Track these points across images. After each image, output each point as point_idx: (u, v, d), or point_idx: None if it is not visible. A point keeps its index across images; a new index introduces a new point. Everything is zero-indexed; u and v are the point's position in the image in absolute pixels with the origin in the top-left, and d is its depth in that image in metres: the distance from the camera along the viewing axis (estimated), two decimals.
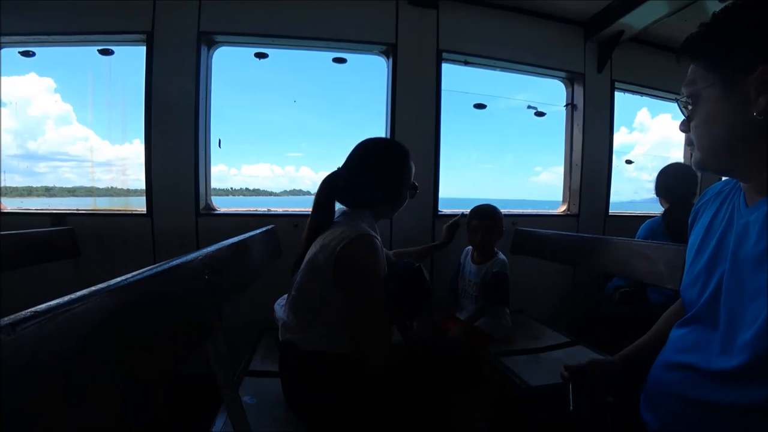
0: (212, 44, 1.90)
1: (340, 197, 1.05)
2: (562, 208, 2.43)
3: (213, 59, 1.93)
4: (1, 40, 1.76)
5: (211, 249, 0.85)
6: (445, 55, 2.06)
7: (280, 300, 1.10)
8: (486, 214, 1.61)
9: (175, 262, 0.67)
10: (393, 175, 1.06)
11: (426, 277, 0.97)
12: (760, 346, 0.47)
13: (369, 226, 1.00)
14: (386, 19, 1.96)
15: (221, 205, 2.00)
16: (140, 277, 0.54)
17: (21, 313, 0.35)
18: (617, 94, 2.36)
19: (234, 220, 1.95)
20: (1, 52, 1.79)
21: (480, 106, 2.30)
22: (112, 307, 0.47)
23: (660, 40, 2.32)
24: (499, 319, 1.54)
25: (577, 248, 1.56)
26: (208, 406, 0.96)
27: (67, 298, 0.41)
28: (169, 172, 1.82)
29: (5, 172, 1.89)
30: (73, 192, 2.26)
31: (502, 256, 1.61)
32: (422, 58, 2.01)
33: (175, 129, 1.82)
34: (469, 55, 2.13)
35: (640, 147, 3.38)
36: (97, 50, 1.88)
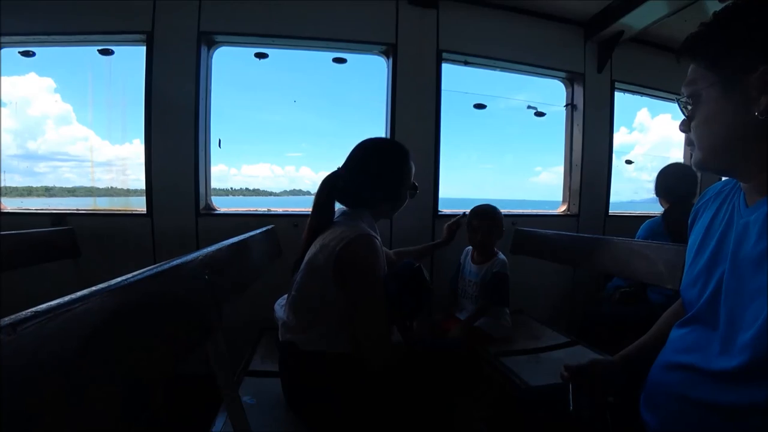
0: (212, 44, 1.91)
1: (340, 197, 1.05)
2: (562, 208, 2.43)
3: (213, 59, 1.93)
4: (1, 40, 1.76)
5: (211, 249, 0.85)
6: (445, 55, 2.06)
7: (280, 300, 1.10)
8: (486, 214, 1.61)
9: (175, 262, 0.67)
10: (393, 175, 1.06)
11: (426, 277, 0.97)
12: (761, 347, 0.47)
13: (369, 226, 1.00)
14: (386, 19, 1.96)
15: (221, 205, 2.00)
16: (140, 277, 0.54)
17: (21, 313, 0.35)
18: (617, 94, 2.36)
19: (234, 220, 1.95)
20: (1, 52, 1.80)
21: (480, 106, 2.30)
22: (112, 307, 0.47)
23: (660, 40, 2.32)
24: (499, 319, 1.54)
25: (577, 248, 1.56)
26: (208, 406, 0.96)
27: (68, 298, 0.41)
28: (169, 172, 1.82)
29: (5, 172, 1.89)
30: (73, 192, 2.26)
31: (502, 256, 1.61)
32: (422, 58, 2.01)
33: (175, 129, 1.82)
34: (469, 55, 2.13)
35: (640, 147, 3.39)
36: (97, 50, 1.88)
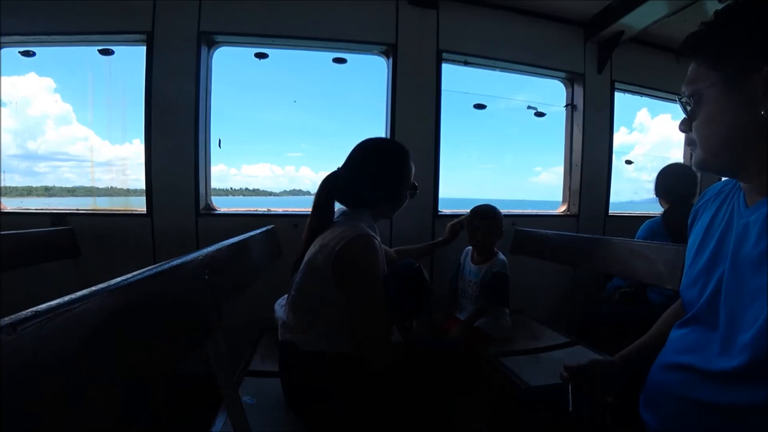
0: (212, 44, 1.90)
1: (339, 197, 1.05)
2: (562, 209, 2.43)
3: (213, 59, 1.93)
4: (1, 40, 1.76)
5: (211, 249, 0.85)
6: (445, 55, 2.06)
7: (281, 300, 1.10)
8: (486, 214, 1.61)
9: (175, 262, 0.67)
10: (393, 175, 1.06)
11: (426, 277, 0.97)
12: (760, 347, 0.47)
13: (368, 226, 1.00)
14: (386, 19, 1.96)
15: (221, 205, 2.00)
16: (140, 277, 0.54)
17: (22, 313, 0.35)
18: (617, 95, 2.36)
19: (234, 220, 1.95)
20: (1, 52, 1.79)
21: (480, 107, 2.30)
22: (112, 307, 0.47)
23: (660, 41, 2.32)
24: (499, 320, 1.54)
25: (577, 248, 1.56)
26: (208, 406, 0.96)
27: (68, 298, 0.41)
28: (169, 172, 1.82)
29: (5, 172, 1.89)
30: (73, 192, 2.26)
31: (502, 256, 1.61)
32: (422, 58, 2.01)
33: (175, 129, 1.82)
34: (469, 56, 2.13)
35: (640, 147, 3.39)
36: (97, 50, 1.88)
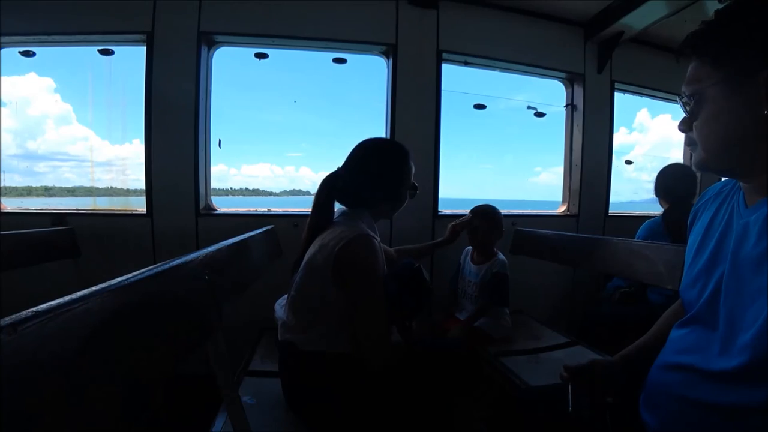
0: (212, 44, 1.90)
1: (339, 197, 1.05)
2: (561, 209, 2.43)
3: (213, 59, 1.93)
4: (1, 40, 1.76)
5: (211, 249, 0.85)
6: (445, 55, 2.06)
7: (281, 300, 1.10)
8: (486, 214, 1.61)
9: (175, 262, 0.67)
10: (393, 175, 1.06)
11: (426, 277, 0.97)
12: (760, 347, 0.47)
13: (368, 227, 1.00)
14: (386, 20, 1.96)
15: (221, 205, 2.00)
16: (140, 277, 0.54)
17: (22, 313, 0.35)
18: (617, 95, 2.36)
19: (234, 220, 1.95)
20: (1, 52, 1.79)
21: (480, 107, 2.30)
22: (112, 307, 0.47)
23: (660, 41, 2.32)
24: (499, 320, 1.54)
25: (577, 248, 1.56)
26: (208, 406, 0.96)
27: (68, 298, 0.41)
28: (169, 172, 1.82)
29: (5, 172, 1.89)
30: (73, 192, 2.26)
31: (502, 256, 1.61)
32: (422, 58, 2.01)
33: (175, 129, 1.82)
34: (469, 56, 2.13)
35: (640, 147, 3.39)
36: (97, 50, 1.88)
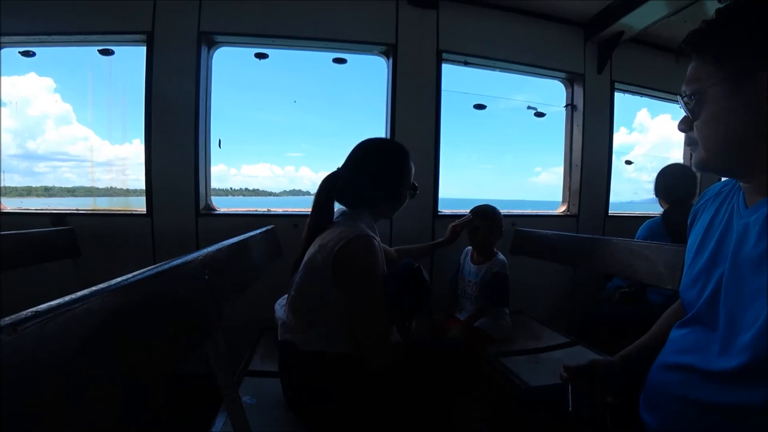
0: (212, 44, 1.90)
1: (339, 197, 1.05)
2: (561, 209, 2.43)
3: (213, 59, 1.93)
4: (1, 40, 1.76)
5: (211, 249, 0.85)
6: (445, 55, 2.06)
7: (281, 300, 1.10)
8: (485, 214, 1.61)
9: (175, 262, 0.67)
10: (393, 175, 1.06)
11: (425, 277, 0.97)
12: (760, 347, 0.47)
13: (368, 227, 1.00)
14: (386, 20, 1.96)
15: (221, 205, 2.00)
16: (140, 277, 0.54)
17: (22, 313, 0.35)
18: (617, 95, 2.36)
19: (234, 220, 1.95)
20: (1, 52, 1.79)
21: (480, 107, 2.30)
22: (112, 307, 0.47)
23: (660, 41, 2.32)
24: (498, 320, 1.54)
25: (577, 248, 1.56)
26: (208, 406, 0.96)
27: (68, 298, 0.41)
28: (169, 172, 1.82)
29: (5, 172, 1.89)
30: (73, 192, 2.26)
31: (502, 256, 1.61)
32: (422, 58, 2.01)
33: (175, 129, 1.82)
34: (469, 56, 2.13)
35: (640, 147, 3.38)
36: (97, 50, 1.88)
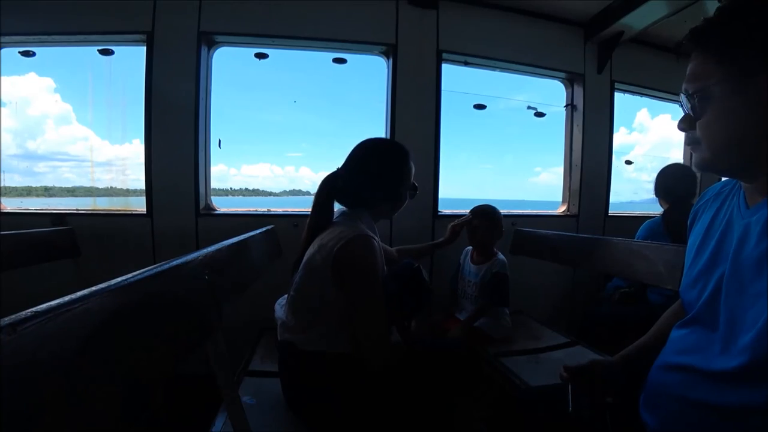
0: (212, 44, 1.90)
1: (339, 197, 1.05)
2: (561, 209, 2.43)
3: (213, 59, 1.92)
4: (1, 40, 1.75)
5: (211, 249, 0.85)
6: (445, 55, 2.06)
7: (281, 300, 1.10)
8: (485, 214, 1.61)
9: (175, 262, 0.67)
10: (393, 175, 1.06)
11: (425, 277, 0.97)
12: (761, 348, 0.47)
13: (367, 227, 1.00)
14: (386, 20, 1.96)
15: (221, 205, 2.00)
16: (140, 277, 0.54)
17: (22, 313, 0.35)
18: (617, 95, 2.36)
19: (234, 220, 1.95)
20: (1, 52, 1.79)
21: (480, 107, 2.30)
22: (112, 307, 0.47)
23: (660, 41, 2.31)
24: (498, 320, 1.54)
25: (577, 248, 1.56)
26: (208, 406, 0.96)
27: (68, 298, 0.41)
28: (169, 172, 1.82)
29: (5, 172, 1.89)
30: (73, 192, 2.26)
31: (502, 256, 1.61)
32: (422, 58, 2.01)
33: (175, 129, 1.82)
34: (469, 56, 2.13)
35: (640, 147, 3.38)
36: (97, 50, 1.88)
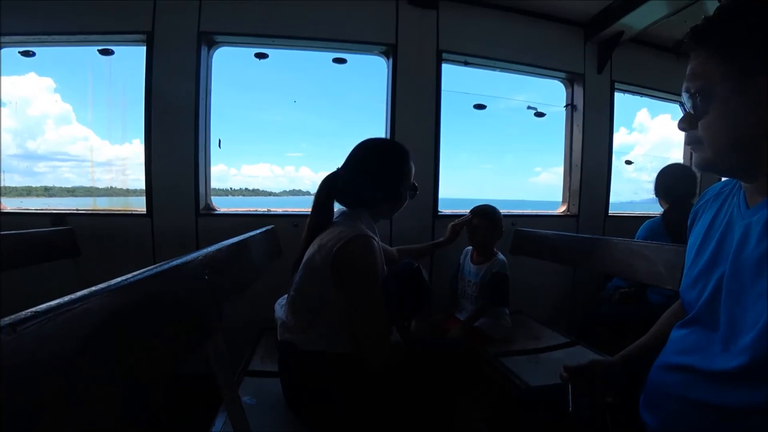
0: (212, 44, 1.90)
1: (339, 197, 1.05)
2: (561, 209, 2.43)
3: (213, 59, 1.92)
4: (1, 40, 1.75)
5: (211, 249, 0.85)
6: (445, 55, 2.06)
7: (281, 300, 1.10)
8: (485, 214, 1.61)
9: (175, 262, 0.67)
10: (393, 175, 1.06)
11: (425, 277, 0.97)
12: (761, 348, 0.47)
13: (367, 227, 1.00)
14: (386, 20, 1.96)
15: (221, 205, 2.00)
16: (140, 277, 0.54)
17: (21, 313, 0.35)
18: (617, 95, 2.36)
19: (234, 220, 1.95)
20: (1, 52, 1.79)
21: (480, 107, 2.30)
22: (112, 307, 0.47)
23: (660, 41, 2.31)
24: (498, 320, 1.54)
25: (577, 248, 1.56)
26: (208, 406, 0.96)
27: (68, 298, 0.41)
28: (169, 172, 1.82)
29: (5, 172, 1.89)
30: (73, 192, 2.26)
31: (502, 256, 1.61)
32: (422, 58, 2.01)
33: (175, 129, 1.82)
34: (469, 56, 2.13)
35: (640, 147, 3.38)
36: (97, 50, 1.88)
